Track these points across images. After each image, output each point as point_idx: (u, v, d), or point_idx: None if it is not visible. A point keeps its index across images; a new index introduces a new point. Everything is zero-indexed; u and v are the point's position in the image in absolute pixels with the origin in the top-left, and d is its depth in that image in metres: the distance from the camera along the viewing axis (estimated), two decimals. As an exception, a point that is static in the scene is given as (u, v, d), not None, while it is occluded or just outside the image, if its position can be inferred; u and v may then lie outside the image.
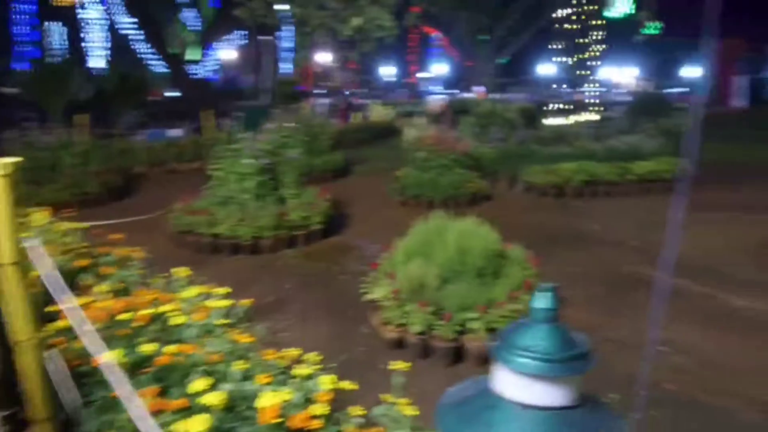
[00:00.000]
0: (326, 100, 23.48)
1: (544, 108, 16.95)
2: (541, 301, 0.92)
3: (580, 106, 17.00)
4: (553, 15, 17.52)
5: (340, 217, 7.44)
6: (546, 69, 35.21)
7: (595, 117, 16.20)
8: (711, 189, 8.84)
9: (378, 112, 20.43)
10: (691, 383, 3.51)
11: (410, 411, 1.90)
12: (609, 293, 4.94)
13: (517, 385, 0.89)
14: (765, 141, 14.39)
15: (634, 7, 16.30)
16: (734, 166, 10.95)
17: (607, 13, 15.71)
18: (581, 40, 16.46)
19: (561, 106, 16.93)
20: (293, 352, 2.25)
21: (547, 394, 0.88)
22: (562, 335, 0.91)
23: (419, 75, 50.16)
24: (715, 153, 11.79)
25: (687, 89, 30.11)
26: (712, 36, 1.37)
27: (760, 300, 4.75)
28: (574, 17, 16.18)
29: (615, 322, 4.33)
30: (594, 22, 16.25)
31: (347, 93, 31.16)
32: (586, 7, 15.86)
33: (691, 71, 35.95)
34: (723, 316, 4.51)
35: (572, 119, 15.46)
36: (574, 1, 15.92)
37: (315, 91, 27.26)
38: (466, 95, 31.10)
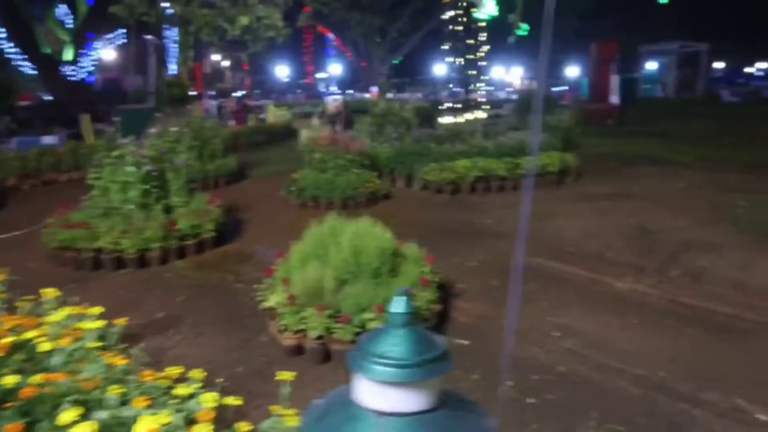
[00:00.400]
0: (216, 102, 22.84)
1: (440, 107, 17.31)
2: (396, 305, 0.91)
3: (473, 105, 17.62)
4: (441, 17, 18.05)
5: (234, 223, 7.20)
6: (440, 69, 36.56)
7: (485, 115, 16.83)
8: (592, 180, 9.54)
9: (274, 114, 20.09)
10: (581, 365, 3.72)
11: (295, 422, 1.86)
12: (504, 284, 5.09)
13: (375, 393, 0.87)
14: (636, 135, 15.59)
15: (498, 8, 17.07)
16: (611, 158, 11.80)
17: (475, 14, 16.42)
18: (469, 41, 17.06)
19: (455, 105, 17.46)
20: (175, 370, 2.13)
21: (406, 400, 0.87)
22: (417, 339, 0.89)
23: (316, 75, 49.98)
24: (596, 147, 12.80)
25: (567, 87, 32.40)
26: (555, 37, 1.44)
27: (639, 282, 5.14)
28: (460, 19, 16.74)
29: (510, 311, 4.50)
30: (477, 24, 16.91)
31: (241, 94, 30.39)
32: (472, 9, 16.45)
33: (572, 70, 38.66)
34: (607, 299, 4.82)
35: (466, 117, 15.90)
36: (461, 4, 16.46)
37: (208, 93, 26.37)
38: (363, 95, 31.37)
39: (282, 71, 48.36)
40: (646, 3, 31.66)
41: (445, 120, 14.70)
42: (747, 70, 49.36)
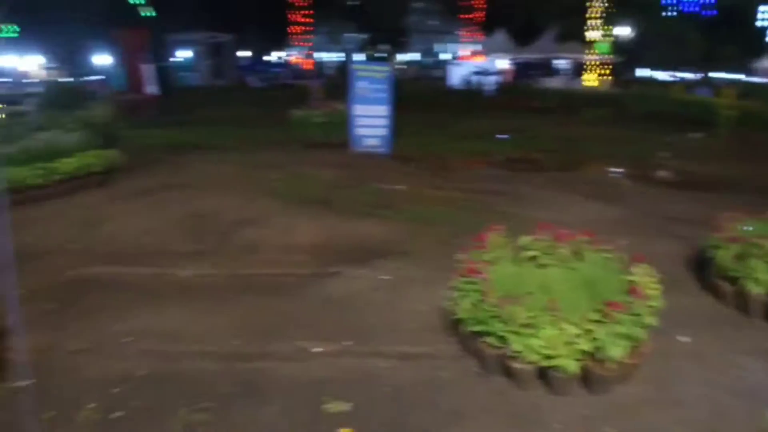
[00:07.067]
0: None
1: None
2: None
3: None
4: None
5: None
6: None
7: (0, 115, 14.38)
8: (142, 174, 9.07)
9: None
10: (160, 361, 3.74)
11: None
12: (62, 305, 4.66)
13: None
14: (178, 124, 15.45)
15: None
16: (158, 149, 11.32)
17: None
18: None
19: None
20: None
21: None
22: None
23: None
24: (140, 139, 12.14)
25: (102, 77, 29.82)
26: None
27: (200, 267, 5.37)
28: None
29: (77, 332, 4.17)
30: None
31: None
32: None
33: (103, 59, 35.52)
34: (173, 291, 4.87)
35: None
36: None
37: None
38: None
39: None
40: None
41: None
42: (266, 58, 57.98)
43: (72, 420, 3.13)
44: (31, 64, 38.13)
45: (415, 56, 66.86)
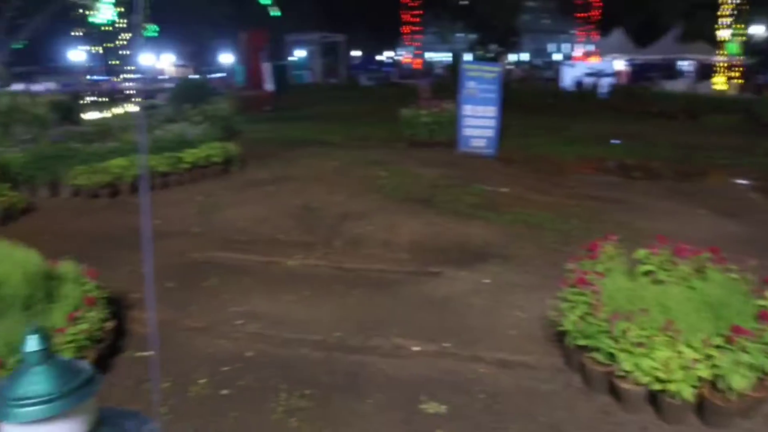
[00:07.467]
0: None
1: (82, 100, 15.89)
2: (29, 344, 0.91)
3: (121, 96, 16.50)
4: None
5: None
6: (77, 55, 32.92)
7: (137, 108, 15.15)
8: (256, 166, 9.43)
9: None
10: (267, 345, 3.94)
11: None
12: (182, 284, 4.95)
13: (28, 433, 0.88)
14: (292, 120, 16.09)
15: (116, 13, 16.44)
16: (272, 143, 11.86)
17: (92, 19, 15.33)
18: (105, 27, 15.64)
19: (101, 97, 16.09)
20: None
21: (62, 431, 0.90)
22: (57, 372, 0.91)
23: None
24: (256, 133, 12.85)
25: (224, 74, 32.33)
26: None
27: (308, 257, 5.57)
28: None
29: (194, 311, 4.46)
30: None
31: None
32: (88, 12, 14.96)
33: (226, 57, 38.24)
34: (282, 279, 5.12)
35: (114, 111, 14.40)
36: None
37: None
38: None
39: None
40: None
41: (91, 115, 13.26)
42: (378, 57, 58.70)
43: (185, 392, 3.36)
44: (164, 62, 41.76)
45: (525, 56, 65.30)
